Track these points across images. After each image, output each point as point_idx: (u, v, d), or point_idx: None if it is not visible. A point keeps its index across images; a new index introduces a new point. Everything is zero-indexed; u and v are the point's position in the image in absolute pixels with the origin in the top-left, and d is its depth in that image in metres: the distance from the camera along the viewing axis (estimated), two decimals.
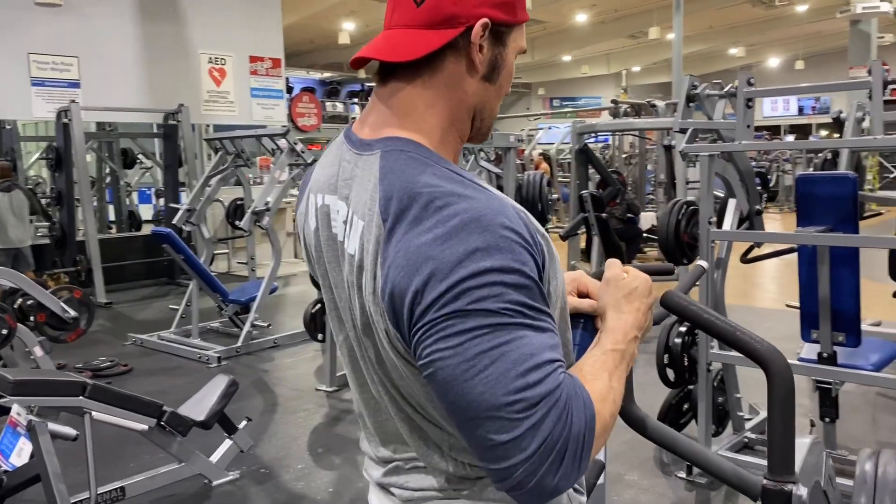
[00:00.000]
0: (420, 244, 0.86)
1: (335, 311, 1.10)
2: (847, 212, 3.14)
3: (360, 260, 0.95)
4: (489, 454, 0.85)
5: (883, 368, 3.30)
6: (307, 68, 25.79)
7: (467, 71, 1.00)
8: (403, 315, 0.88)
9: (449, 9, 0.96)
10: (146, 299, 8.20)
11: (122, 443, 3.71)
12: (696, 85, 3.55)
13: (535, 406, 0.83)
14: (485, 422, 0.84)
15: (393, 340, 0.93)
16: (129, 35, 8.90)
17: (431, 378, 0.87)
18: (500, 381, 0.82)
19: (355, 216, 0.97)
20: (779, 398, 1.07)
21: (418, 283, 0.85)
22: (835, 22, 20.12)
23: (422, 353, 0.87)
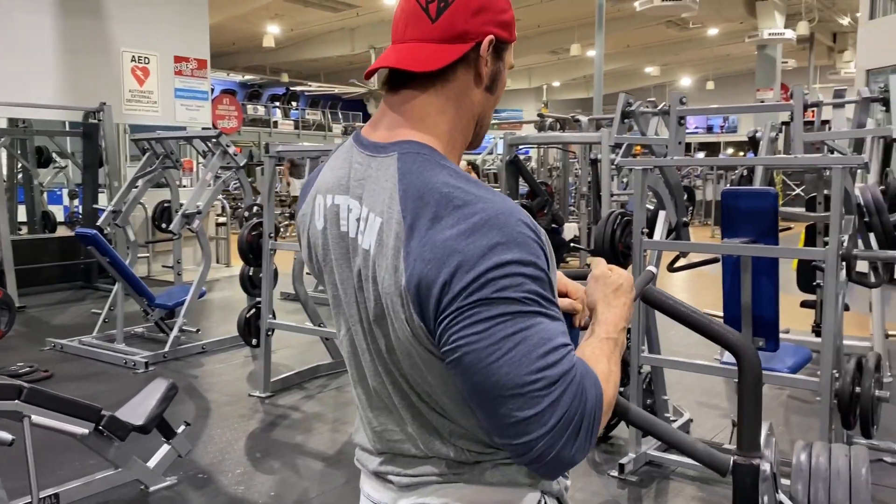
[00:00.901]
0: (445, 238, 0.94)
1: (339, 308, 1.16)
2: (768, 225, 3.36)
3: (377, 254, 1.02)
4: (512, 430, 0.93)
5: (798, 371, 3.54)
6: (228, 70, 25.31)
7: (474, 82, 1.10)
8: (430, 304, 0.95)
9: (462, 26, 1.07)
10: (62, 303, 7.89)
11: (52, 449, 3.60)
12: (631, 102, 3.73)
13: (555, 384, 0.92)
14: (508, 400, 0.92)
15: (416, 329, 0.99)
16: (47, 29, 8.56)
17: (458, 362, 0.94)
18: (522, 362, 0.91)
19: (372, 214, 1.04)
20: (748, 383, 1.20)
21: (446, 275, 0.93)
22: (743, 46, 21.20)
23: (448, 339, 0.94)
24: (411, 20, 1.09)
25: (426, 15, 1.07)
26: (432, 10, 1.07)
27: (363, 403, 1.19)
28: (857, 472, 2.48)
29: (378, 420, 1.16)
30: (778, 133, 5.43)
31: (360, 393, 1.19)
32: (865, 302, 5.24)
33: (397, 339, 1.04)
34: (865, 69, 9.89)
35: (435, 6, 1.07)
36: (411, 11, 1.09)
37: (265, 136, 23.40)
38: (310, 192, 1.20)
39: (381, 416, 1.15)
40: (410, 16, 1.09)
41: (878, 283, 4.25)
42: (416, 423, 1.10)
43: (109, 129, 8.46)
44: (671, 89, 29.18)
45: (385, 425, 1.15)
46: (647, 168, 3.43)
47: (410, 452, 1.13)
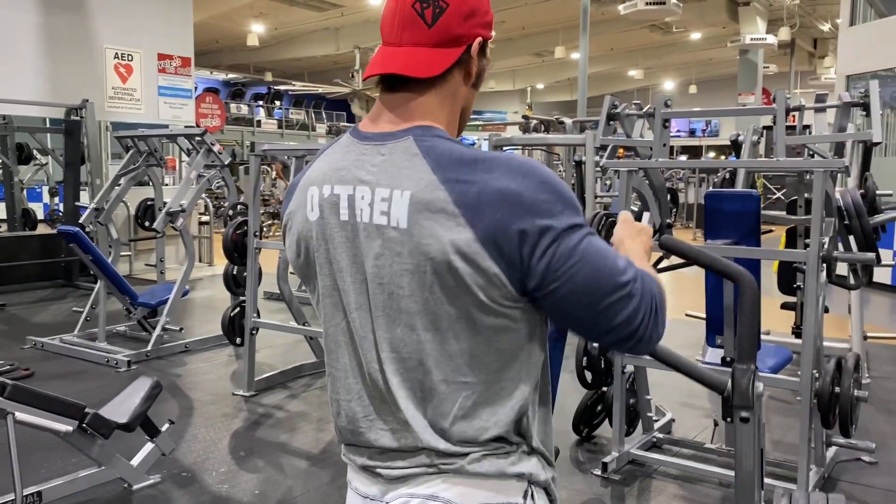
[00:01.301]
0: (503, 187, 1.04)
1: (333, 297, 1.17)
2: (751, 226, 3.41)
3: (414, 225, 1.06)
4: (623, 325, 1.07)
5: (778, 371, 3.59)
6: (211, 68, 25.19)
7: (464, 81, 1.19)
8: (514, 248, 1.03)
9: (456, 30, 1.14)
10: (43, 301, 7.82)
11: (34, 447, 3.57)
12: (617, 104, 3.76)
13: (636, 281, 1.08)
14: (616, 302, 1.06)
15: (493, 280, 1.05)
16: (29, 25, 8.49)
17: (570, 282, 1.04)
18: (613, 270, 1.06)
19: (397, 191, 1.08)
20: (748, 303, 1.50)
21: (524, 219, 1.03)
22: (725, 50, 21.40)
23: (550, 272, 1.04)
24: (407, 24, 1.14)
25: (422, 20, 1.13)
26: (428, 15, 1.13)
27: (353, 395, 1.19)
28: None
29: (369, 411, 1.17)
30: (759, 137, 5.51)
31: (350, 385, 1.19)
32: (844, 304, 5.31)
33: (440, 304, 1.07)
34: (846, 75, 10.02)
35: (430, 12, 1.12)
36: (407, 16, 1.14)
37: (248, 135, 23.32)
38: (297, 188, 1.22)
39: (372, 406, 1.16)
40: (406, 20, 1.14)
41: (857, 285, 4.32)
42: (412, 411, 1.12)
43: (92, 126, 8.40)
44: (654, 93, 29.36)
45: (376, 416, 1.16)
46: (632, 170, 3.47)
47: (400, 445, 1.14)
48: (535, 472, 1.15)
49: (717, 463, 3.64)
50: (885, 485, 3.51)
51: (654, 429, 3.93)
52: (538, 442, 1.18)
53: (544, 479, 1.17)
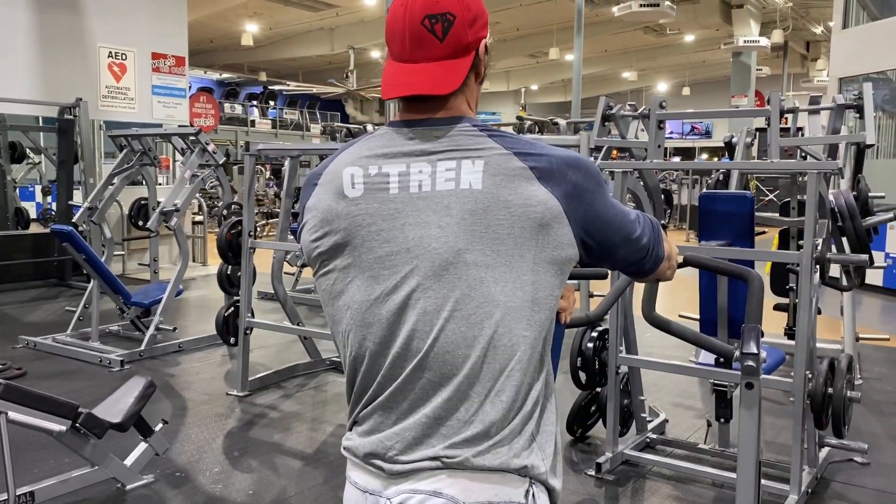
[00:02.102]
0: (566, 157, 1.20)
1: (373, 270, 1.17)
2: (745, 228, 3.42)
3: (495, 187, 1.15)
4: (643, 254, 1.32)
5: (772, 372, 3.60)
6: (206, 68, 25.14)
7: (475, 80, 1.26)
8: (586, 206, 1.19)
9: (465, 39, 1.20)
10: (35, 301, 7.79)
11: (26, 447, 3.56)
12: (612, 106, 3.77)
13: (641, 218, 1.32)
14: (638, 237, 1.30)
15: (565, 234, 1.17)
16: (22, 23, 8.46)
17: (616, 232, 1.25)
18: (630, 214, 1.29)
19: (466, 160, 1.17)
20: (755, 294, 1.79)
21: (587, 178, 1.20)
22: (719, 53, 21.49)
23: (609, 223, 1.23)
24: (419, 42, 1.18)
25: (433, 36, 1.17)
26: (438, 30, 1.17)
27: (369, 384, 1.18)
28: None
29: (383, 402, 1.17)
30: (753, 139, 5.53)
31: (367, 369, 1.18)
32: (836, 306, 5.34)
33: (532, 251, 1.15)
34: (838, 77, 10.07)
35: (440, 27, 1.17)
36: (417, 33, 1.18)
37: (242, 134, 23.28)
38: (324, 175, 1.24)
39: (391, 396, 1.16)
40: (418, 38, 1.18)
41: (849, 286, 4.34)
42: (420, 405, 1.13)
43: (85, 125, 8.37)
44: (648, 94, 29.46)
45: (391, 407, 1.16)
46: (627, 171, 3.48)
47: (406, 439, 1.14)
48: (537, 465, 1.16)
49: (711, 463, 3.65)
50: (878, 485, 3.53)
51: (648, 429, 3.94)
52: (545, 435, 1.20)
53: (544, 472, 1.18)
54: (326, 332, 5.18)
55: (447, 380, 1.13)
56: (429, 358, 1.13)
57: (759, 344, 1.81)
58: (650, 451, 3.84)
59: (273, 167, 17.91)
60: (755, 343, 1.80)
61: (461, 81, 1.19)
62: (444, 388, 1.13)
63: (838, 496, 3.42)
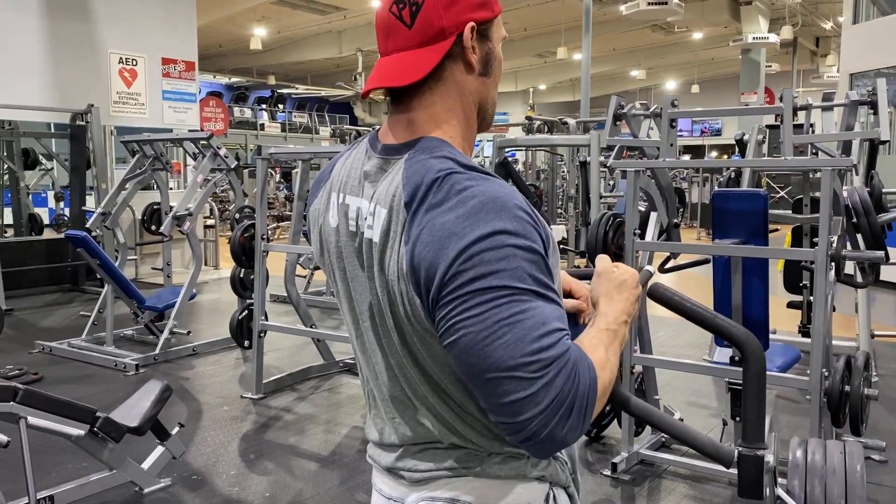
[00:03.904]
0: (444, 222, 0.96)
1: (349, 305, 1.18)
2: (758, 226, 3.41)
3: (384, 243, 1.04)
4: (506, 409, 0.94)
5: (787, 370, 3.59)
6: (215, 72, 25.25)
7: (466, 72, 1.11)
8: (430, 286, 0.97)
9: (438, 23, 1.06)
10: (50, 306, 7.84)
11: (46, 451, 3.59)
12: (623, 105, 3.77)
13: (548, 367, 0.93)
14: (503, 381, 0.93)
15: (417, 311, 1.01)
16: (33, 30, 8.51)
17: (454, 344, 0.95)
18: (517, 344, 0.92)
19: (378, 206, 1.06)
20: (753, 375, 1.23)
21: (443, 257, 0.95)
22: (727, 50, 21.40)
23: (446, 322, 0.96)
24: (390, 31, 1.09)
25: (401, 23, 1.07)
26: (406, 16, 1.06)
27: (376, 400, 1.20)
28: (853, 469, 2.53)
29: (392, 415, 1.17)
30: (764, 136, 5.51)
31: (374, 388, 1.20)
32: (850, 303, 5.31)
33: (408, 324, 1.05)
34: (849, 73, 10.02)
35: (408, 11, 1.06)
36: (387, 22, 1.09)
37: (252, 138, 23.35)
38: (323, 188, 1.22)
39: (394, 411, 1.17)
40: (388, 27, 1.09)
41: (865, 283, 4.32)
42: (429, 416, 1.12)
43: (97, 130, 8.42)
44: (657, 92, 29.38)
45: (398, 420, 1.16)
46: (639, 170, 3.47)
47: (420, 447, 1.14)
48: (555, 474, 1.15)
49: None
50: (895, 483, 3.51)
51: None
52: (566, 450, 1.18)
53: (564, 479, 1.17)
54: (339, 335, 5.20)
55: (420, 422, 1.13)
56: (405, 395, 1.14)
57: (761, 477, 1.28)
58: (666, 451, 3.83)
59: (283, 170, 17.97)
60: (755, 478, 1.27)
61: (423, 73, 1.06)
62: None
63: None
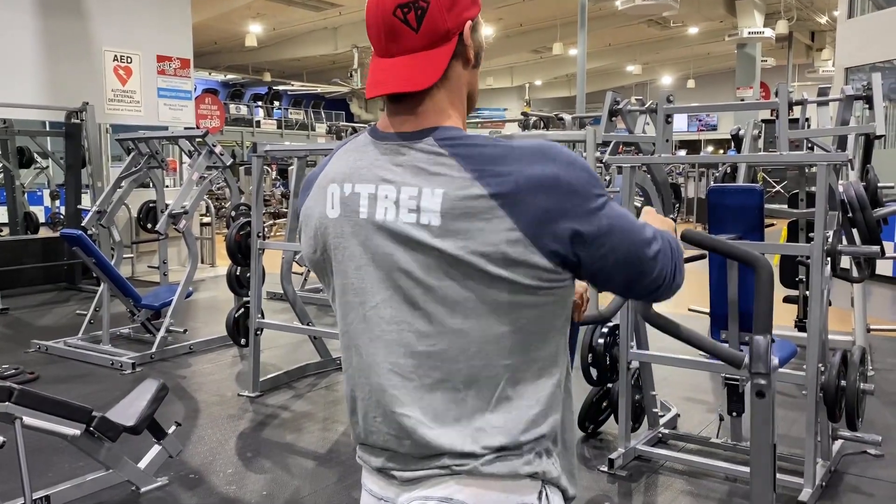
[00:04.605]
0: (541, 173, 1.05)
1: (352, 294, 1.16)
2: (755, 221, 3.41)
3: (452, 221, 1.06)
4: (653, 277, 1.15)
5: (783, 366, 3.59)
6: (210, 69, 25.18)
7: (463, 66, 1.16)
8: (559, 233, 1.06)
9: (444, 26, 1.10)
10: (46, 305, 7.83)
11: (42, 451, 3.58)
12: (619, 100, 3.76)
13: (658, 239, 1.16)
14: (649, 261, 1.14)
15: (532, 267, 1.06)
16: (27, 28, 8.48)
17: (611, 255, 1.10)
18: (642, 232, 1.14)
19: (426, 189, 1.08)
20: (764, 282, 1.62)
21: (567, 200, 1.06)
22: (723, 44, 21.38)
23: (596, 247, 1.08)
24: (394, 34, 1.11)
25: (407, 27, 1.09)
26: (412, 20, 1.08)
27: (370, 393, 1.18)
28: None
29: (387, 411, 1.16)
30: (760, 131, 5.51)
31: (366, 382, 1.18)
32: (846, 297, 5.32)
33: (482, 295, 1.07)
34: (844, 67, 10.03)
35: (413, 15, 1.08)
36: (391, 26, 1.10)
37: (248, 135, 23.31)
38: (316, 184, 1.22)
39: (391, 406, 1.15)
40: (391, 30, 1.10)
41: (860, 278, 4.32)
42: (430, 408, 1.12)
43: (92, 129, 8.40)
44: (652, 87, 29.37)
45: (393, 415, 1.15)
46: (635, 166, 3.47)
47: (415, 445, 1.13)
48: (548, 470, 1.15)
49: (724, 457, 3.64)
50: (892, 477, 3.52)
51: (660, 424, 3.94)
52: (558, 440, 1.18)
53: (557, 475, 1.16)
54: (336, 332, 5.19)
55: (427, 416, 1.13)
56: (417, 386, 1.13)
57: (769, 357, 1.60)
58: (662, 446, 3.84)
59: (280, 167, 17.94)
60: (765, 356, 1.58)
61: (440, 74, 1.10)
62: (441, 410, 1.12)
63: (852, 489, 3.41)
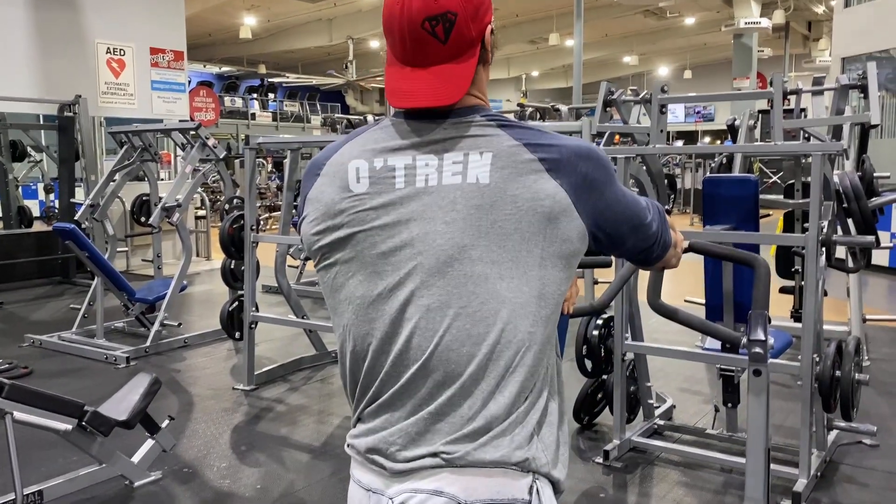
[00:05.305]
0: (575, 146, 1.16)
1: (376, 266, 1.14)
2: (749, 211, 3.40)
3: (501, 180, 1.12)
4: (653, 234, 1.29)
5: (779, 356, 3.58)
6: (205, 62, 25.09)
7: (483, 66, 1.21)
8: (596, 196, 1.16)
9: (469, 34, 1.14)
10: (40, 299, 7.80)
11: (34, 446, 3.56)
12: (613, 91, 3.74)
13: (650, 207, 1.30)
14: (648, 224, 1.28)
15: (573, 230, 1.14)
16: (19, 20, 8.43)
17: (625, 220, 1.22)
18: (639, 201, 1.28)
19: (473, 153, 1.13)
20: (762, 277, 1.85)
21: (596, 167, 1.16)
22: (719, 35, 21.35)
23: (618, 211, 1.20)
24: (421, 45, 1.13)
25: (435, 38, 1.12)
26: (440, 32, 1.11)
27: (371, 381, 1.17)
28: None
29: (387, 400, 1.15)
30: (756, 121, 5.49)
31: (369, 367, 1.17)
32: (842, 288, 5.31)
33: (539, 247, 1.12)
34: (841, 57, 10.00)
35: (441, 28, 1.11)
36: (419, 38, 1.12)
37: (243, 128, 23.25)
38: (327, 165, 1.20)
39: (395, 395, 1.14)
40: (419, 42, 1.13)
41: (856, 268, 4.31)
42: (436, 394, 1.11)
43: (85, 122, 8.35)
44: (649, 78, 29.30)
45: (394, 406, 1.14)
46: (629, 156, 3.45)
47: (409, 434, 1.13)
48: (538, 457, 1.14)
49: (719, 448, 3.63)
50: (887, 467, 3.52)
51: (655, 416, 3.93)
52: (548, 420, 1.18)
53: (546, 463, 1.15)
54: (331, 325, 5.17)
55: (451, 378, 1.11)
56: (433, 356, 1.11)
57: (766, 330, 1.80)
58: (658, 438, 3.83)
59: (275, 160, 17.89)
60: (762, 330, 1.79)
61: (468, 85, 1.15)
62: (448, 386, 1.11)
63: (847, 479, 3.40)
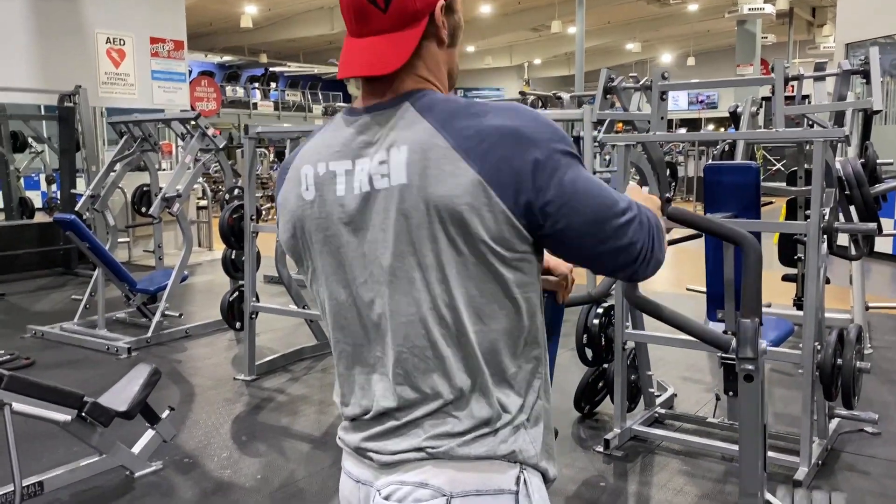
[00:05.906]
0: (500, 125, 1.04)
1: (338, 273, 1.14)
2: (751, 199, 3.37)
3: (418, 176, 1.04)
4: (626, 246, 1.08)
5: (780, 344, 3.57)
6: (206, 51, 25.03)
7: (438, 47, 1.13)
8: (520, 181, 1.02)
9: (413, 6, 1.08)
10: (42, 290, 7.81)
11: (35, 437, 3.57)
12: (613, 78, 3.71)
13: (633, 208, 1.09)
14: (619, 228, 1.07)
15: (498, 217, 1.03)
16: (18, 10, 8.40)
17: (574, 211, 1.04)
18: (612, 196, 1.08)
19: (394, 148, 1.06)
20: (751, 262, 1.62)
21: (525, 151, 1.03)
22: (723, 21, 21.21)
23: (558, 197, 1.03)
24: (362, 14, 1.09)
25: (375, 7, 1.07)
26: (380, 0, 1.07)
27: (356, 371, 1.17)
28: None
29: (369, 389, 1.15)
30: (759, 108, 5.45)
31: (353, 361, 1.17)
32: (845, 275, 5.29)
33: (463, 250, 1.04)
34: (844, 43, 9.93)
35: None
36: (359, 6, 1.08)
37: (245, 117, 23.20)
38: (291, 168, 1.20)
39: (374, 384, 1.14)
40: (359, 10, 1.09)
41: (858, 255, 4.29)
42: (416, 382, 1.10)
43: (86, 112, 8.33)
44: (652, 65, 29.14)
45: (375, 393, 1.14)
46: (630, 144, 3.42)
47: (394, 425, 1.12)
48: (525, 448, 1.12)
49: (720, 437, 3.63)
50: (889, 455, 3.51)
51: (656, 404, 3.92)
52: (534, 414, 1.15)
53: (534, 454, 1.13)
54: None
55: (423, 379, 1.10)
56: (401, 361, 1.10)
57: (756, 341, 1.55)
58: (659, 426, 3.83)
59: (277, 150, 17.87)
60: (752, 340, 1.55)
61: (403, 61, 1.08)
62: (422, 387, 1.10)
63: (849, 467, 3.39)
